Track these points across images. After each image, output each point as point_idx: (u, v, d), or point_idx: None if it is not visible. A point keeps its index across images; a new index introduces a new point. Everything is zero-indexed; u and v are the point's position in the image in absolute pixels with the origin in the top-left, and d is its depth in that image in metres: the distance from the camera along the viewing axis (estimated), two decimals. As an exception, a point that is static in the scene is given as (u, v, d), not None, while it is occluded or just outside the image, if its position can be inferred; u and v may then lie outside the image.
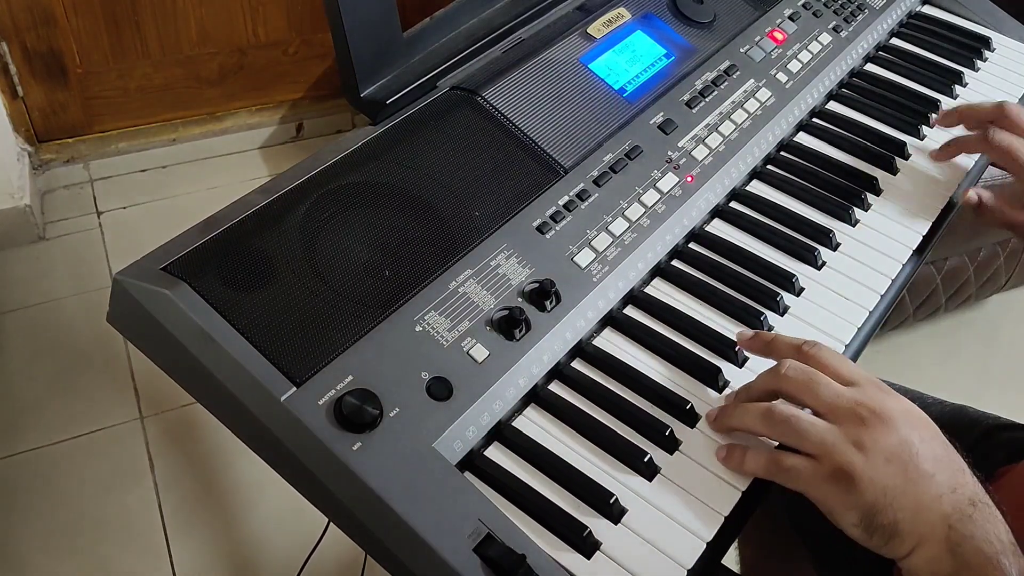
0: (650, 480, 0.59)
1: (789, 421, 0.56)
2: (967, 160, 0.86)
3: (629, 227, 0.70)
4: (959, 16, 1.05)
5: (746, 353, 0.66)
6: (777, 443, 0.60)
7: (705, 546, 0.56)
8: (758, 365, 0.66)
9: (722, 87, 0.82)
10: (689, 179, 0.75)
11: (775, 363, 0.60)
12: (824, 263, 0.75)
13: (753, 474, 0.59)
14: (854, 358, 0.69)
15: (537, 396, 0.62)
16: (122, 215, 1.85)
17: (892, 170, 0.84)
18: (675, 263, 0.73)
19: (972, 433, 0.82)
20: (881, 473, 0.53)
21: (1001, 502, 0.56)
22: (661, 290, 0.71)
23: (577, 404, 0.62)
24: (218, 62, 1.90)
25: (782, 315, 0.70)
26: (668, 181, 0.74)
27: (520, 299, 0.63)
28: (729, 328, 0.68)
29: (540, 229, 0.67)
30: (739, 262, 0.73)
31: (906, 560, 0.54)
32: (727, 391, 0.64)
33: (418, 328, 0.59)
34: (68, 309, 1.66)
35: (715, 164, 0.77)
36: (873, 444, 0.54)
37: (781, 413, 0.57)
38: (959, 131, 0.85)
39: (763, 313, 0.69)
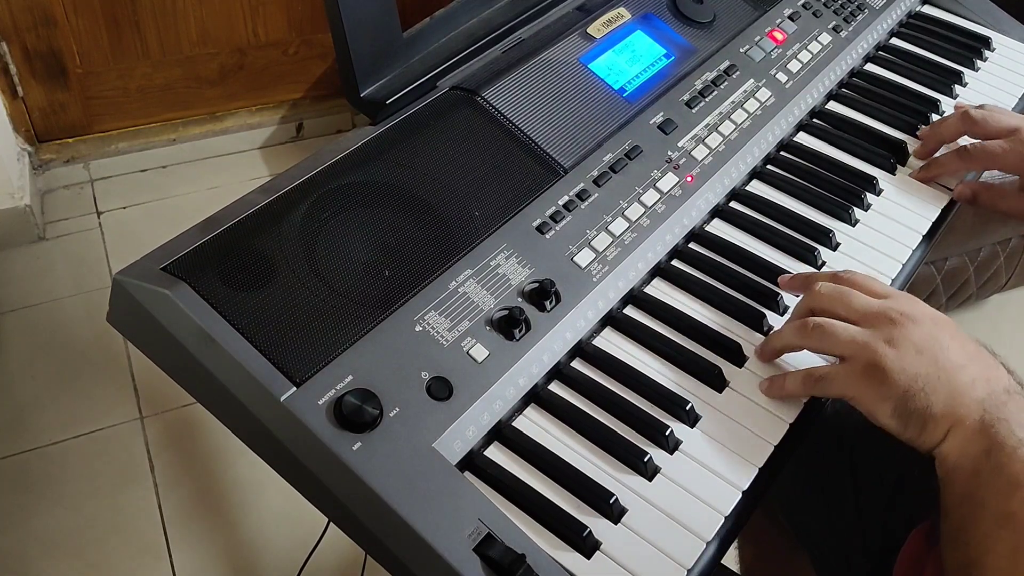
0: (650, 480, 0.59)
1: (821, 326, 0.60)
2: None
3: (629, 227, 0.70)
4: (959, 16, 1.05)
5: (784, 296, 0.70)
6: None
7: (705, 546, 0.56)
8: (758, 366, 0.66)
9: (722, 87, 0.82)
10: (689, 179, 0.75)
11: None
12: (824, 263, 0.75)
13: (794, 394, 0.62)
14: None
15: (537, 396, 0.62)
16: (122, 215, 1.84)
17: (892, 170, 0.84)
18: (675, 263, 0.73)
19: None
20: (912, 362, 0.56)
21: None
22: (661, 290, 0.71)
23: (577, 404, 0.62)
24: (218, 62, 1.90)
25: (782, 315, 0.70)
26: (668, 181, 0.74)
27: (520, 299, 0.63)
28: (729, 328, 0.68)
29: (540, 229, 0.67)
30: (739, 262, 0.73)
31: (940, 446, 0.56)
32: (727, 392, 0.64)
33: (418, 328, 0.59)
34: (68, 309, 1.66)
35: (715, 164, 0.77)
36: (903, 339, 0.57)
37: (813, 321, 0.60)
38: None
39: (763, 313, 0.69)
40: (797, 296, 0.69)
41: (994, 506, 0.53)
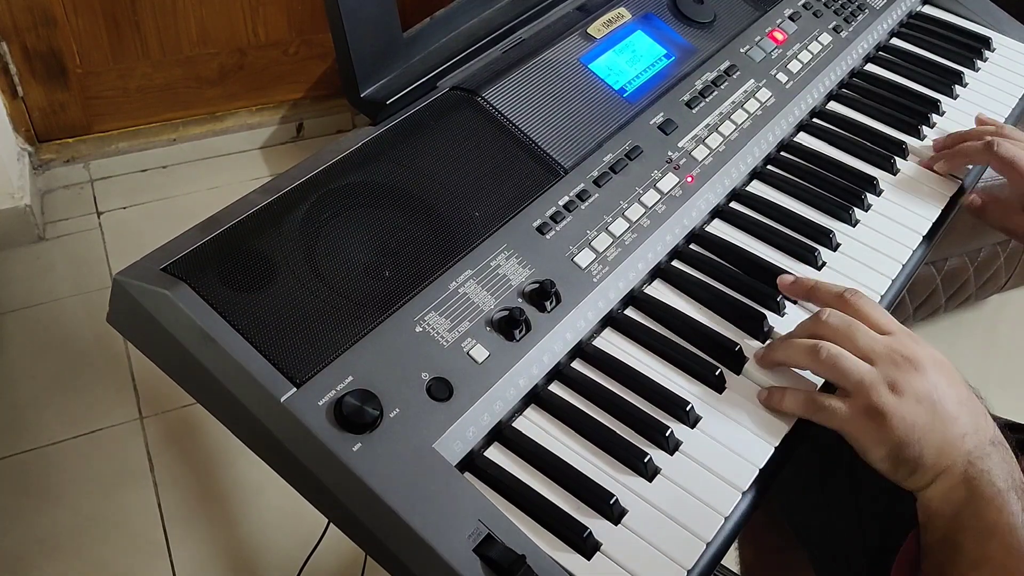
0: (650, 480, 0.59)
1: (836, 359, 0.60)
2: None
3: (629, 227, 0.70)
4: (959, 16, 1.05)
5: (785, 300, 0.70)
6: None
7: (705, 546, 0.56)
8: (758, 368, 0.66)
9: (722, 87, 0.82)
10: (689, 179, 0.75)
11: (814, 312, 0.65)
12: (824, 263, 0.75)
13: (791, 412, 0.62)
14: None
15: (537, 396, 0.62)
16: (122, 215, 1.84)
17: (892, 170, 0.84)
18: (675, 264, 0.73)
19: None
20: (911, 412, 0.58)
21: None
22: (661, 291, 0.71)
23: (577, 404, 0.62)
24: (218, 62, 1.90)
25: (782, 315, 0.70)
26: (668, 181, 0.74)
27: (520, 299, 0.63)
28: (729, 329, 0.68)
29: (540, 229, 0.67)
30: (739, 263, 0.73)
31: (924, 491, 0.59)
32: (727, 393, 0.64)
33: (418, 328, 0.59)
34: (68, 309, 1.66)
35: (715, 164, 0.77)
36: (906, 386, 0.58)
37: (827, 350, 0.61)
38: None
39: (763, 314, 0.69)
40: (800, 294, 0.69)
41: (971, 550, 0.57)
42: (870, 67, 0.96)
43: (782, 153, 0.84)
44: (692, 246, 0.75)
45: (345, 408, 0.53)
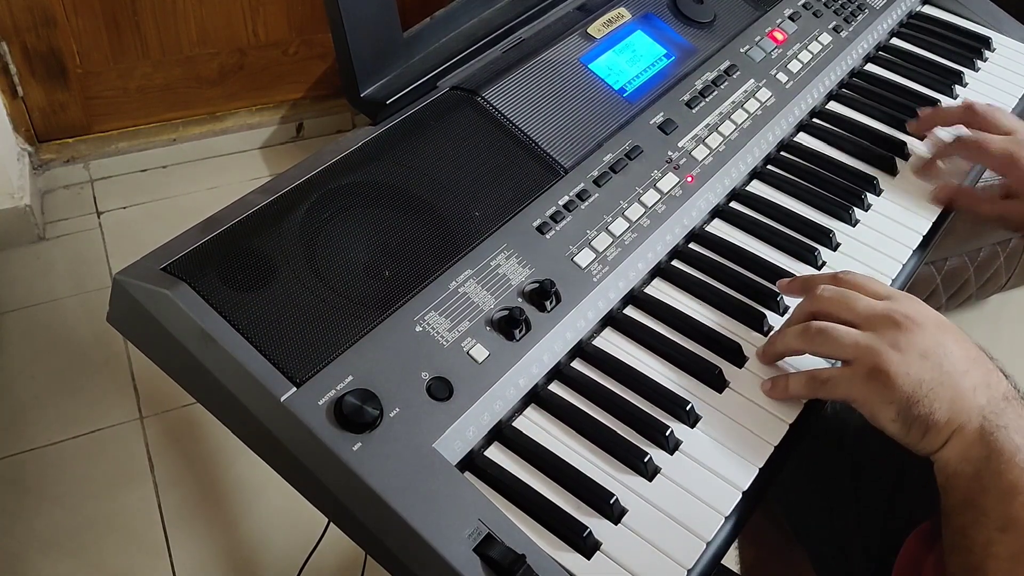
0: (650, 480, 0.59)
1: (824, 331, 0.59)
2: (965, 163, 0.85)
3: (629, 227, 0.70)
4: (959, 16, 1.05)
5: (785, 300, 0.70)
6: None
7: (705, 546, 0.56)
8: (758, 367, 0.66)
9: (722, 87, 0.82)
10: (689, 179, 0.75)
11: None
12: (824, 263, 0.75)
13: (797, 395, 0.62)
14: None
15: (537, 396, 0.62)
16: (122, 215, 1.84)
17: (892, 170, 0.84)
18: (675, 263, 0.73)
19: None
20: (916, 368, 0.56)
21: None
22: (661, 290, 0.71)
23: (577, 404, 0.62)
24: (218, 62, 1.90)
25: (782, 315, 0.70)
26: (668, 181, 0.74)
27: (520, 299, 0.63)
28: (729, 329, 0.68)
29: (540, 229, 0.67)
30: (739, 262, 0.73)
31: (940, 452, 0.57)
32: (727, 392, 0.64)
33: (418, 328, 0.59)
34: (68, 309, 1.66)
35: (715, 164, 0.77)
36: (908, 343, 0.57)
37: (816, 326, 0.60)
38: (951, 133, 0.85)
39: (764, 313, 0.69)
40: (797, 299, 0.68)
41: (994, 511, 0.54)
42: (870, 67, 0.96)
43: (782, 153, 0.84)
44: (692, 246, 0.75)
45: (345, 408, 0.53)
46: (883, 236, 0.78)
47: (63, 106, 1.82)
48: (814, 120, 0.89)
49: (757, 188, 0.81)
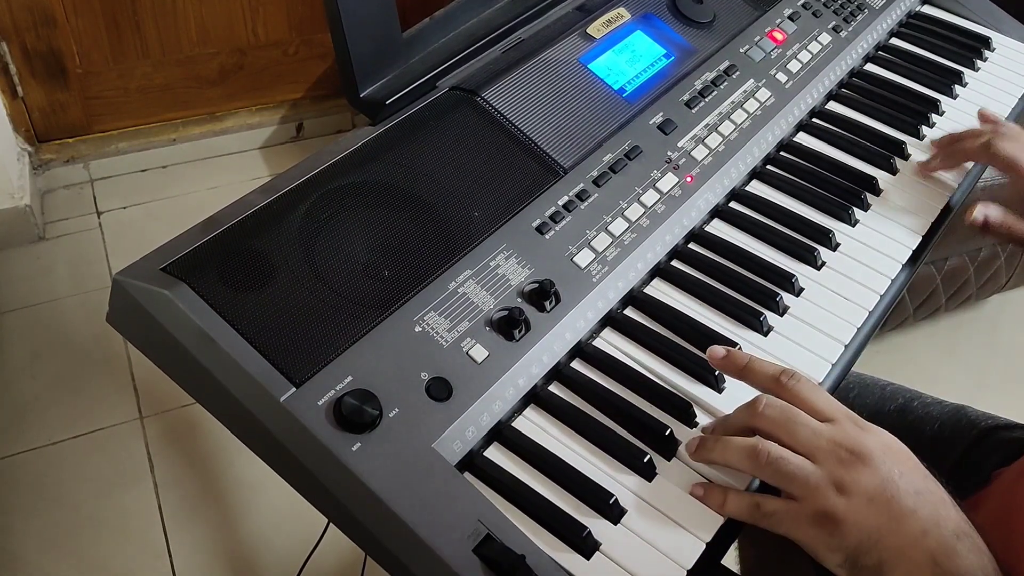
0: (650, 480, 0.59)
1: (777, 463, 0.55)
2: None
3: (629, 227, 0.70)
4: (959, 16, 1.05)
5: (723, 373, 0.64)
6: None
7: (705, 546, 0.56)
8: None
9: (722, 87, 0.82)
10: (689, 179, 0.75)
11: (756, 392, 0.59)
12: (824, 263, 0.75)
13: (734, 516, 0.57)
14: (854, 359, 0.70)
15: (537, 396, 0.62)
16: (122, 215, 1.85)
17: (892, 170, 0.84)
18: (675, 263, 0.73)
19: (970, 433, 0.82)
20: (864, 514, 0.53)
21: (984, 523, 0.55)
22: (661, 290, 0.71)
23: (577, 404, 0.62)
24: (218, 62, 1.90)
25: (781, 315, 0.70)
26: (668, 181, 0.74)
27: (520, 299, 0.63)
28: (729, 329, 0.68)
29: (540, 229, 0.67)
30: (739, 262, 0.73)
31: None
32: (726, 392, 0.64)
33: (418, 328, 0.59)
34: (68, 309, 1.66)
35: (715, 164, 0.77)
36: (855, 485, 0.53)
37: (768, 454, 0.55)
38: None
39: (763, 313, 0.69)
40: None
41: None
42: (870, 67, 0.96)
43: (782, 153, 0.84)
44: (692, 246, 0.75)
45: (344, 408, 0.53)
46: (883, 236, 0.78)
47: (63, 106, 1.82)
48: (814, 120, 0.89)
49: (757, 188, 0.81)
